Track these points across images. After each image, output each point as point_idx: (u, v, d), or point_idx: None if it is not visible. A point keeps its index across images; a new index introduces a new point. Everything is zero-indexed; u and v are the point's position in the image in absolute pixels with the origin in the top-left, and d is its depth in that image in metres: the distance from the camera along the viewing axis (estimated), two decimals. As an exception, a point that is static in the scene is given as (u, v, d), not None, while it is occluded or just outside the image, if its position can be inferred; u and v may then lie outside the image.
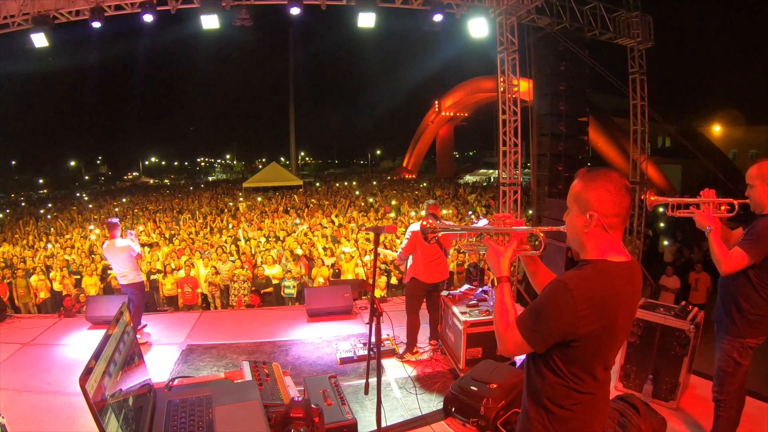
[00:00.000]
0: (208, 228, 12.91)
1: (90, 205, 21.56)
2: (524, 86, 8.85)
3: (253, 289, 7.70)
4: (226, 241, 10.43)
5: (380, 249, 6.70)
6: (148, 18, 7.08)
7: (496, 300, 1.61)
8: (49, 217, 18.16)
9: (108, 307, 5.85)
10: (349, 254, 8.49)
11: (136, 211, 17.91)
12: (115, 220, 5.80)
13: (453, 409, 3.52)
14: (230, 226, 12.87)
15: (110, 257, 5.50)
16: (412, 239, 4.68)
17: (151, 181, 46.24)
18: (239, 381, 2.19)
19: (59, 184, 42.98)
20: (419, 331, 4.88)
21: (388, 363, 4.61)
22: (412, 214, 14.05)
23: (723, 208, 2.74)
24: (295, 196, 19.40)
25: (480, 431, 3.31)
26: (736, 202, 2.71)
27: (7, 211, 21.65)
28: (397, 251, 5.14)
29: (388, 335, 5.03)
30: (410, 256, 4.83)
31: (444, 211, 12.88)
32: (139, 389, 1.72)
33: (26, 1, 6.84)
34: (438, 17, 7.72)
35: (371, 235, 6.30)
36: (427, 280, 4.76)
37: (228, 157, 71.54)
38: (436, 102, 31.81)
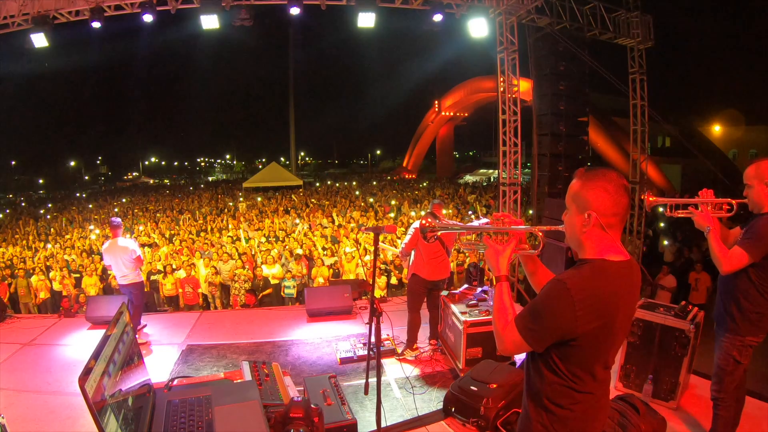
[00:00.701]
0: (209, 228, 12.93)
1: (90, 205, 21.55)
2: (524, 86, 8.85)
3: (248, 288, 7.71)
4: (225, 242, 10.44)
5: (382, 244, 6.72)
6: (148, 18, 7.08)
7: (494, 299, 1.61)
8: (48, 217, 18.17)
9: (108, 307, 5.85)
10: (350, 254, 8.50)
11: (136, 211, 17.92)
12: (119, 220, 5.82)
13: (453, 409, 3.52)
14: (230, 226, 12.88)
15: (111, 256, 5.48)
16: (415, 235, 4.69)
17: (151, 181, 46.25)
18: (239, 381, 2.19)
19: (59, 184, 42.96)
20: (420, 329, 4.89)
21: (388, 363, 4.61)
22: (412, 214, 14.05)
23: (724, 207, 2.74)
24: (294, 197, 19.39)
25: (480, 431, 3.31)
26: (734, 202, 2.72)
27: (7, 211, 21.65)
28: (399, 249, 5.16)
29: (387, 335, 5.02)
30: (412, 253, 4.84)
31: (444, 211, 12.86)
32: (139, 389, 1.72)
33: (26, 1, 6.83)
34: (438, 17, 7.71)
35: (371, 235, 6.30)
36: (428, 277, 4.77)
37: (228, 157, 71.63)
38: (436, 102, 31.81)
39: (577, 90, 8.94)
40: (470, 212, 14.07)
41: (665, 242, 10.57)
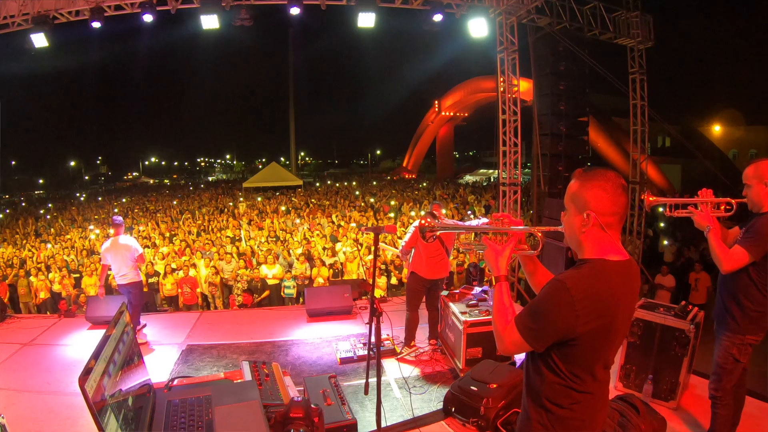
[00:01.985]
0: (210, 227, 12.93)
1: (90, 205, 21.54)
2: (524, 86, 8.86)
3: (245, 287, 7.72)
4: (225, 242, 10.44)
5: (382, 244, 6.73)
6: (148, 18, 7.09)
7: (494, 299, 1.61)
8: (48, 217, 18.16)
9: (108, 307, 5.85)
10: (351, 254, 8.50)
11: (136, 211, 17.91)
12: (121, 218, 5.82)
13: (453, 409, 3.52)
14: (230, 226, 12.89)
15: (113, 255, 5.46)
16: (415, 234, 4.70)
17: (151, 181, 46.25)
18: (239, 381, 2.19)
19: (59, 184, 42.96)
20: (417, 328, 4.89)
21: (387, 363, 4.61)
22: (412, 214, 14.06)
23: (722, 207, 2.75)
24: (294, 198, 19.40)
25: (480, 431, 3.31)
26: (734, 201, 2.72)
27: (7, 211, 21.65)
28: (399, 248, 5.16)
29: (387, 335, 5.02)
30: (412, 251, 4.84)
31: (443, 211, 12.85)
32: (139, 389, 1.72)
33: (26, 1, 6.84)
34: (438, 17, 7.72)
35: (371, 235, 6.30)
36: (427, 276, 4.78)
37: (228, 157, 71.66)
38: (436, 102, 31.81)
39: (577, 90, 8.95)
40: (469, 212, 14.09)
41: (665, 242, 10.58)
